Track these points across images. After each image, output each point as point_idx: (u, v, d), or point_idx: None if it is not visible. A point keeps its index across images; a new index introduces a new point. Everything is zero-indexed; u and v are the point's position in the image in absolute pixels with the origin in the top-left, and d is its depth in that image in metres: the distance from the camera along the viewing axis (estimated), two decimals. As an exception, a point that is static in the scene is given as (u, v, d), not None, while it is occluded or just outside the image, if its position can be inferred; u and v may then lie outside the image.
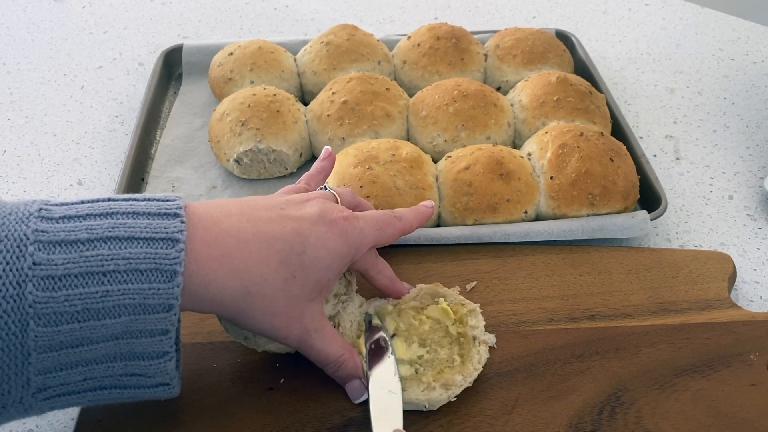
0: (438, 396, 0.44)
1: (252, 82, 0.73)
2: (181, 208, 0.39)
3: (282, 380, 0.47)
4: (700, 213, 0.65)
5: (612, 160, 0.60)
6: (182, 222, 0.38)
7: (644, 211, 0.59)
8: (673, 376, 0.47)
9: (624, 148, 0.63)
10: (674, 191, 0.68)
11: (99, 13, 1.01)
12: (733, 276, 0.56)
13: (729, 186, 0.69)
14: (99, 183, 0.69)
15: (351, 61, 0.74)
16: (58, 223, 0.36)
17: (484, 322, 0.49)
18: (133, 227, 0.37)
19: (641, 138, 0.75)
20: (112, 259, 0.35)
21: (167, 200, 0.39)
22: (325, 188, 0.49)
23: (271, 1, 1.04)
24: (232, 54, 0.75)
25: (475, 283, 0.54)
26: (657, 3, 1.03)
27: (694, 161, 0.72)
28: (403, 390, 0.45)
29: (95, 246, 0.35)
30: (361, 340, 0.48)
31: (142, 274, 0.36)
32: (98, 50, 0.92)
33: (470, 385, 0.45)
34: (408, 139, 0.68)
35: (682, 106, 0.81)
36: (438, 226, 0.61)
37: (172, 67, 0.83)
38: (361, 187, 0.58)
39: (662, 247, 0.61)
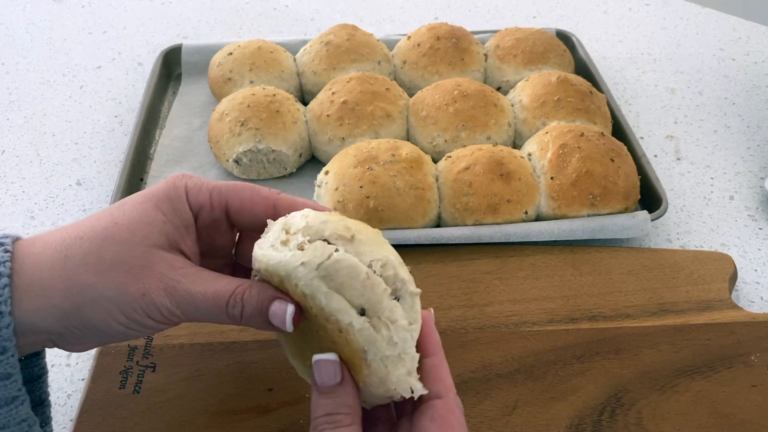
0: None
1: (251, 82, 0.73)
2: (7, 237, 0.35)
3: (282, 380, 0.47)
4: (701, 213, 0.65)
5: (612, 161, 0.60)
6: (6, 251, 0.34)
7: (645, 212, 0.59)
8: (673, 377, 0.47)
9: (625, 148, 0.63)
10: (675, 191, 0.68)
11: (98, 13, 1.01)
12: (733, 277, 0.56)
13: (730, 186, 0.68)
14: (98, 183, 0.69)
15: (351, 61, 0.74)
16: None
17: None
18: None
19: (642, 138, 0.75)
20: None
21: None
22: None
23: (270, 1, 1.04)
24: (231, 54, 0.75)
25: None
26: (657, 3, 1.03)
27: (695, 161, 0.72)
28: None
29: None
30: None
31: None
32: (97, 50, 0.92)
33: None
34: (408, 140, 0.68)
35: (682, 106, 0.81)
36: (438, 226, 0.61)
37: (172, 67, 0.83)
38: (360, 187, 0.57)
39: (663, 247, 0.61)
